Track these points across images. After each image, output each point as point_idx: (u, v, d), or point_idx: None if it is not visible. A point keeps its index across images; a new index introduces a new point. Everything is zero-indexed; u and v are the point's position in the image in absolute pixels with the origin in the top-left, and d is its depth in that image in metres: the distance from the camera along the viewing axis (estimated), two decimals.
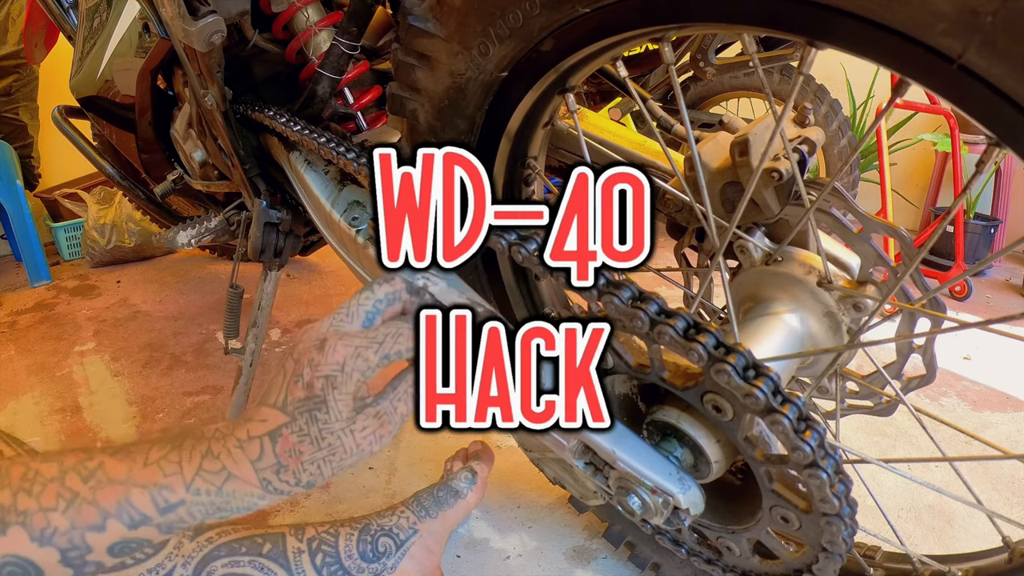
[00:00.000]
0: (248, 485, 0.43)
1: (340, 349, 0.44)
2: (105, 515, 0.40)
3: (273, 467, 0.43)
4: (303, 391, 0.43)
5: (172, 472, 0.42)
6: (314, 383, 0.43)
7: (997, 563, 0.59)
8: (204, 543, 0.66)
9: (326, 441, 0.43)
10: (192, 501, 0.42)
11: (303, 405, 0.43)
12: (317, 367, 0.43)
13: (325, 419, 0.43)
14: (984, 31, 0.31)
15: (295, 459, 0.43)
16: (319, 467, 0.44)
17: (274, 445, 0.43)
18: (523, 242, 0.53)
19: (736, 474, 0.63)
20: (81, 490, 0.40)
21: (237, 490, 0.43)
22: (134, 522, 0.41)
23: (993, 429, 1.18)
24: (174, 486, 0.41)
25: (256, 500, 0.44)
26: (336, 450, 0.43)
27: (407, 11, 0.56)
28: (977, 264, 1.80)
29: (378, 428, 0.44)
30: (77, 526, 0.40)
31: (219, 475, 0.42)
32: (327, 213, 0.78)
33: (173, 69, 1.06)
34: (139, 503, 0.41)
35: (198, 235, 1.20)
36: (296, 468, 0.43)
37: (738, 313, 0.64)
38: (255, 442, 0.43)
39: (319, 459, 0.43)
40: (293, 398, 0.43)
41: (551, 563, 0.89)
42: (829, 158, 2.00)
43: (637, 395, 0.64)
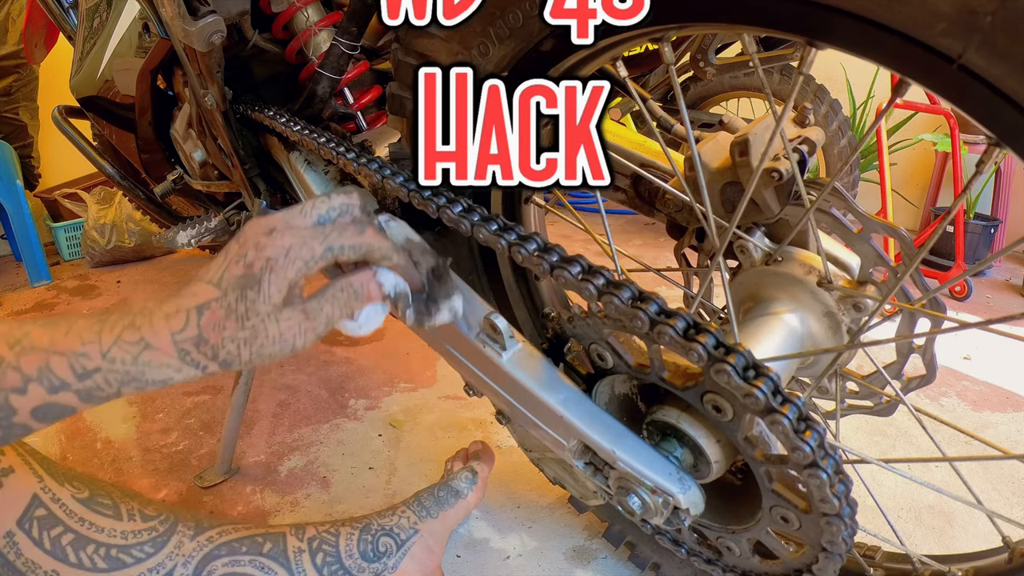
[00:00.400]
0: (165, 356, 0.44)
1: (288, 235, 0.45)
2: (27, 379, 0.42)
3: (194, 339, 0.44)
4: (242, 268, 0.44)
5: (90, 340, 0.43)
6: (255, 262, 0.44)
7: (997, 563, 0.59)
8: (204, 542, 0.66)
9: (250, 322, 0.44)
10: (107, 368, 0.43)
11: (238, 282, 0.44)
12: (261, 248, 0.45)
13: (254, 298, 0.44)
14: (984, 31, 0.31)
15: (217, 333, 0.44)
16: (239, 347, 0.44)
17: (199, 318, 0.44)
18: (523, 242, 0.53)
19: (736, 474, 0.63)
20: (7, 355, 0.42)
21: (153, 360, 0.44)
22: (53, 387, 0.43)
23: (993, 429, 1.18)
24: (91, 353, 0.43)
25: (172, 373, 0.44)
26: (258, 333, 0.44)
27: None
28: (977, 264, 1.80)
29: (303, 322, 0.46)
30: (2, 388, 0.42)
31: (136, 345, 0.43)
32: None
33: (173, 69, 1.06)
34: (57, 369, 0.42)
35: (198, 235, 1.20)
36: (216, 343, 0.44)
37: (738, 313, 0.64)
38: (181, 315, 0.44)
39: (240, 339, 0.44)
40: (230, 275, 0.45)
41: (551, 563, 0.89)
42: (829, 158, 2.00)
43: (637, 395, 0.64)
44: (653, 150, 0.72)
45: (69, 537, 0.59)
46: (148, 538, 0.63)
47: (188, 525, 0.66)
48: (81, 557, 0.59)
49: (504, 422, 0.74)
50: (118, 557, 0.61)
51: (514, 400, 0.60)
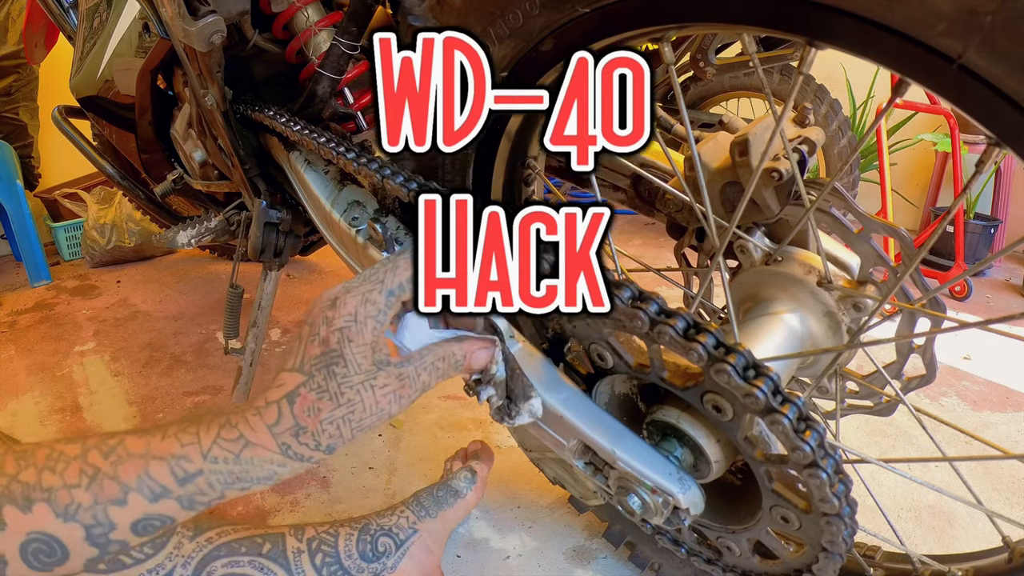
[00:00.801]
0: (266, 451, 0.43)
1: (349, 300, 0.44)
2: (126, 489, 0.40)
3: (292, 430, 0.43)
4: (319, 347, 0.43)
5: (189, 443, 0.42)
6: (329, 338, 0.43)
7: (997, 563, 0.59)
8: (204, 543, 0.66)
9: (345, 396, 0.43)
10: (210, 470, 0.42)
11: (320, 361, 0.43)
12: (331, 322, 0.44)
13: (344, 373, 0.43)
14: (984, 31, 0.31)
15: (314, 419, 0.43)
16: (338, 427, 0.43)
17: (292, 406, 0.43)
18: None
19: (736, 474, 0.63)
20: (103, 466, 0.41)
21: (255, 457, 0.42)
22: (155, 495, 0.41)
23: (993, 429, 1.18)
24: (191, 456, 0.41)
25: (276, 468, 0.43)
26: (356, 406, 0.43)
27: (407, 11, 0.56)
28: (977, 264, 1.80)
29: (399, 388, 0.44)
30: (100, 501, 0.40)
31: (236, 443, 0.42)
32: (327, 213, 0.78)
33: (173, 69, 1.06)
34: (158, 475, 0.41)
35: (198, 235, 1.20)
36: (315, 429, 0.43)
37: (738, 313, 0.64)
38: (272, 407, 0.43)
39: (338, 418, 0.43)
40: (309, 356, 0.43)
41: (551, 563, 0.89)
42: (829, 158, 2.00)
43: (637, 395, 0.64)
44: (653, 150, 0.72)
45: None
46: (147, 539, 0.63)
47: (187, 526, 0.66)
48: None
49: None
50: (117, 558, 0.61)
51: None
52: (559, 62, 0.54)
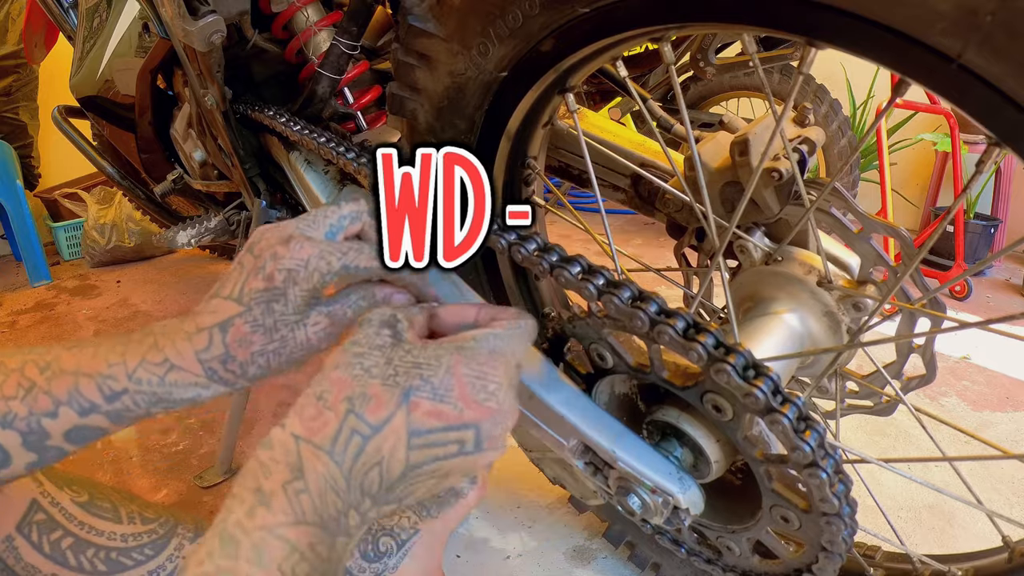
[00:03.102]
0: (191, 375, 0.44)
1: (306, 247, 0.45)
2: (58, 403, 0.43)
3: (220, 357, 0.44)
4: (263, 282, 0.44)
5: (116, 363, 0.43)
6: (275, 275, 0.44)
7: (997, 563, 0.59)
8: None
9: (279, 333, 0.44)
10: (135, 390, 0.43)
11: (261, 296, 0.44)
12: (280, 259, 0.44)
13: (282, 310, 0.44)
14: (983, 30, 0.31)
15: (245, 349, 0.44)
16: (268, 359, 0.44)
17: (224, 335, 0.44)
18: (523, 242, 0.53)
19: (736, 474, 0.63)
20: (38, 380, 0.43)
21: (179, 380, 0.44)
22: (83, 409, 0.43)
23: (993, 429, 1.18)
24: (117, 376, 0.43)
25: (200, 391, 0.44)
26: (287, 342, 0.44)
27: (407, 11, 0.56)
28: (977, 264, 1.80)
29: (329, 327, 0.46)
30: (34, 412, 0.42)
31: (161, 366, 0.43)
32: None
33: (173, 69, 1.06)
34: (86, 391, 0.43)
35: (198, 235, 1.20)
36: (244, 359, 0.44)
37: (738, 313, 0.64)
38: (204, 333, 0.44)
39: (269, 351, 0.44)
40: (250, 288, 0.44)
41: (551, 563, 0.89)
42: (829, 158, 2.00)
43: (637, 395, 0.64)
44: (653, 150, 0.72)
45: (69, 541, 0.59)
46: (148, 540, 0.63)
47: (188, 527, 0.66)
48: (81, 561, 0.59)
49: None
50: (118, 560, 0.61)
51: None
52: (559, 62, 0.54)
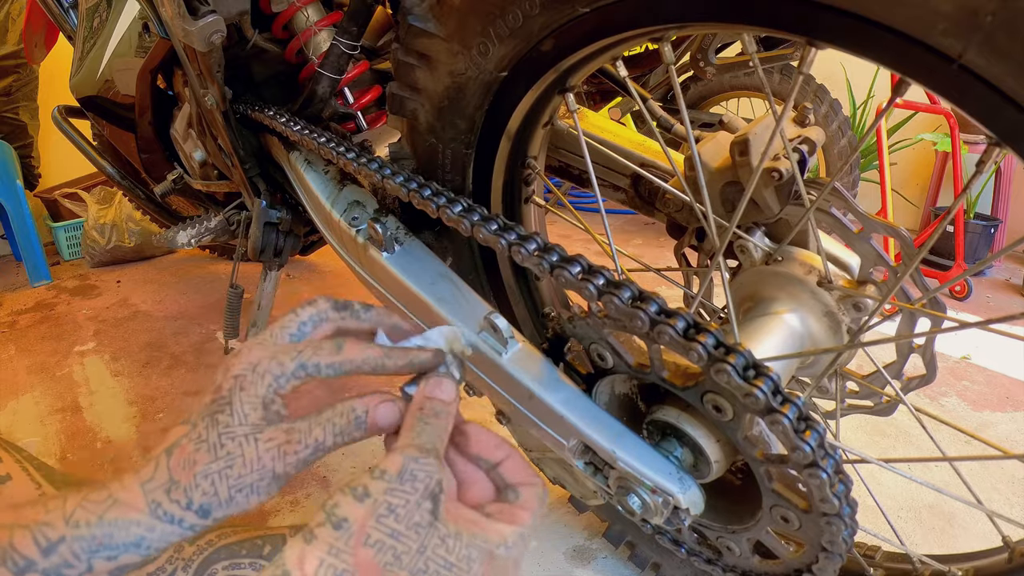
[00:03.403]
0: (134, 511, 0.38)
1: (256, 351, 0.41)
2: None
3: (164, 485, 0.38)
4: (211, 395, 0.40)
5: (55, 508, 0.37)
6: (222, 385, 0.40)
7: (997, 563, 0.59)
8: (204, 546, 0.66)
9: (224, 449, 0.39)
10: (72, 536, 0.37)
11: (207, 409, 0.39)
12: (228, 369, 0.40)
13: (227, 422, 0.39)
14: (984, 31, 0.31)
15: (188, 471, 0.38)
16: (213, 483, 0.39)
17: (168, 458, 0.39)
18: (523, 242, 0.53)
19: (736, 474, 0.63)
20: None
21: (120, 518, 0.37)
22: (19, 568, 0.36)
23: (993, 429, 1.18)
24: (54, 522, 0.37)
25: (143, 532, 0.38)
26: (235, 460, 0.39)
27: (407, 11, 0.56)
28: (977, 264, 1.80)
29: (284, 445, 0.40)
30: None
31: (102, 504, 0.38)
32: (327, 213, 0.78)
33: (173, 69, 1.06)
34: (21, 545, 0.36)
35: (198, 235, 1.20)
36: (188, 483, 0.38)
37: (738, 313, 0.64)
38: (151, 462, 0.39)
39: (214, 472, 0.38)
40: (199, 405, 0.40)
41: (551, 563, 0.89)
42: (829, 158, 2.00)
43: (637, 395, 0.64)
44: (653, 150, 0.72)
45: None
46: None
47: None
48: None
49: (504, 422, 0.74)
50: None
51: (514, 400, 0.60)
52: (559, 62, 0.54)
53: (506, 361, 0.58)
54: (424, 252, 0.68)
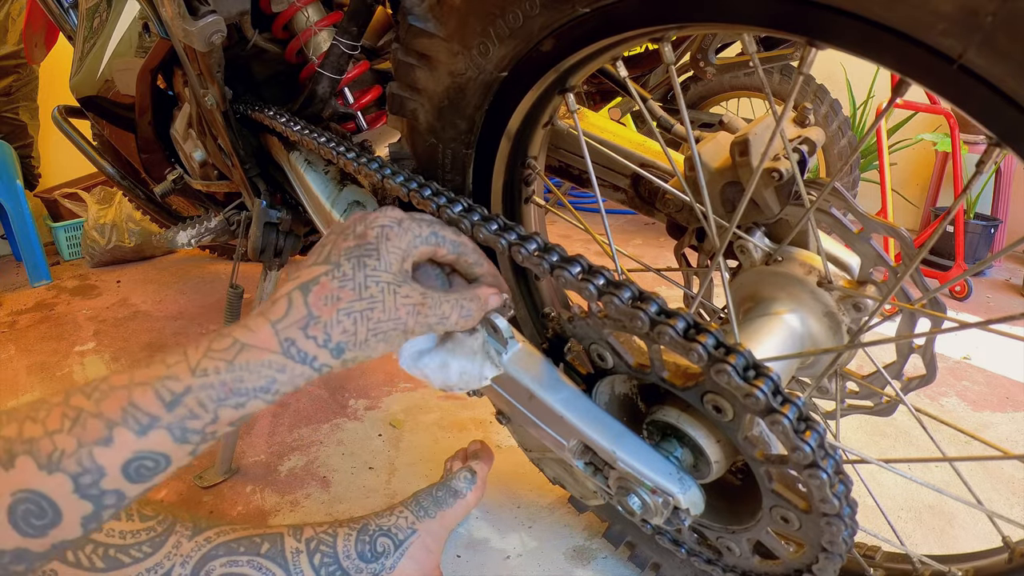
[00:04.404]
0: (265, 352, 0.37)
1: (396, 211, 0.43)
2: (112, 425, 0.35)
3: (302, 321, 0.38)
4: (354, 240, 0.41)
5: (176, 361, 0.37)
6: (368, 232, 0.41)
7: (997, 563, 0.59)
8: (202, 543, 0.66)
9: (369, 291, 0.40)
10: (199, 385, 0.36)
11: (352, 252, 0.40)
12: (371, 221, 0.42)
13: (375, 266, 0.40)
14: (984, 31, 0.31)
15: (331, 307, 0.38)
16: (355, 322, 0.39)
17: (306, 295, 0.39)
18: (523, 242, 0.53)
19: (736, 474, 0.63)
20: (86, 405, 0.36)
21: (251, 361, 0.37)
22: (142, 426, 0.35)
23: (993, 429, 1.18)
24: (179, 374, 0.36)
25: (274, 373, 0.38)
26: (376, 304, 0.39)
27: (407, 11, 0.56)
28: (977, 264, 1.80)
29: (419, 304, 0.42)
30: (84, 443, 0.34)
31: (230, 350, 0.37)
32: (327, 213, 0.78)
33: (173, 69, 1.06)
34: (142, 402, 0.36)
35: (198, 235, 1.20)
36: (329, 319, 0.38)
37: (738, 313, 0.64)
38: (281, 300, 0.39)
39: (356, 311, 0.39)
40: (339, 248, 0.41)
41: (551, 563, 0.89)
42: (829, 158, 2.00)
43: (637, 395, 0.64)
44: (653, 150, 0.72)
45: None
46: (146, 538, 0.63)
47: (186, 525, 0.66)
48: (79, 556, 0.59)
49: (504, 422, 0.74)
50: (116, 557, 0.61)
51: (514, 400, 0.60)
52: (559, 62, 0.54)
53: (506, 361, 0.58)
54: None
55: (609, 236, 0.62)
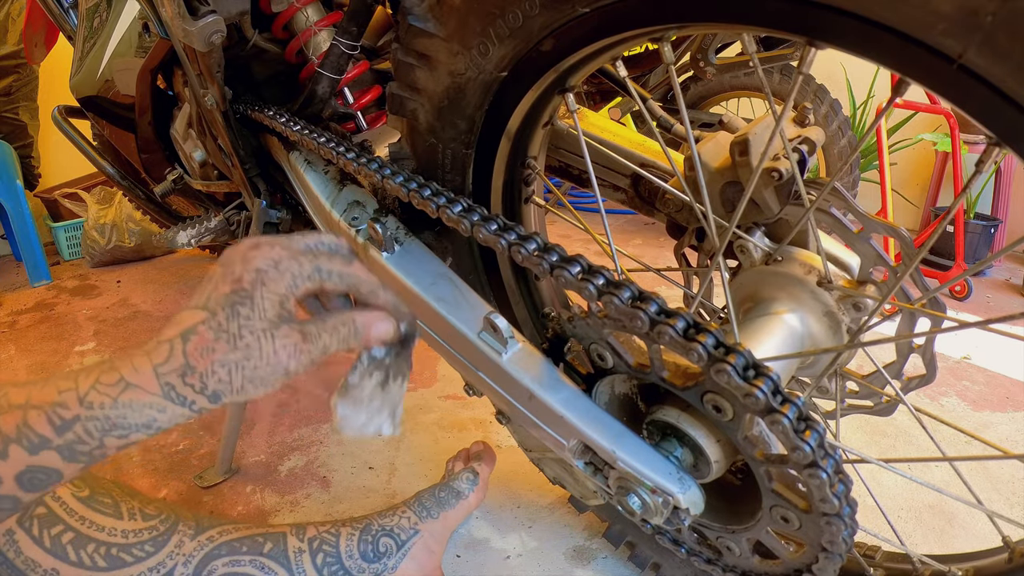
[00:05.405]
0: (146, 393, 0.40)
1: (277, 249, 0.43)
2: (7, 441, 0.39)
3: (179, 369, 0.40)
4: (230, 286, 0.41)
5: (67, 389, 0.40)
6: (243, 277, 0.41)
7: (997, 563, 0.59)
8: (205, 542, 0.66)
9: (244, 341, 0.41)
10: (86, 416, 0.39)
11: (227, 300, 0.41)
12: (249, 261, 0.42)
13: (248, 315, 0.41)
14: (984, 31, 0.31)
15: (206, 358, 0.40)
16: (229, 372, 0.41)
17: (185, 344, 0.40)
18: (523, 242, 0.53)
19: (736, 474, 0.63)
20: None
21: (134, 400, 0.40)
22: (34, 445, 0.39)
23: (993, 429, 1.18)
24: (68, 402, 0.39)
25: (155, 413, 0.40)
26: (252, 353, 0.41)
27: (407, 11, 0.56)
28: (977, 264, 1.80)
29: (300, 343, 0.42)
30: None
31: (116, 386, 0.40)
32: (327, 213, 0.78)
33: (173, 69, 1.06)
34: (35, 424, 0.39)
35: (198, 235, 1.20)
36: (204, 370, 0.40)
37: (738, 313, 0.64)
38: (164, 345, 0.40)
39: (231, 362, 0.41)
40: (218, 294, 0.41)
41: (551, 563, 0.89)
42: (829, 158, 2.00)
43: (637, 395, 0.64)
44: (653, 150, 0.72)
45: (69, 536, 0.59)
46: (148, 537, 0.63)
47: (188, 524, 0.66)
48: (81, 555, 0.59)
49: (504, 422, 0.74)
50: (118, 556, 0.61)
51: (514, 400, 0.60)
52: (559, 62, 0.54)
53: (506, 361, 0.58)
54: (424, 252, 0.68)
55: (609, 236, 0.62)
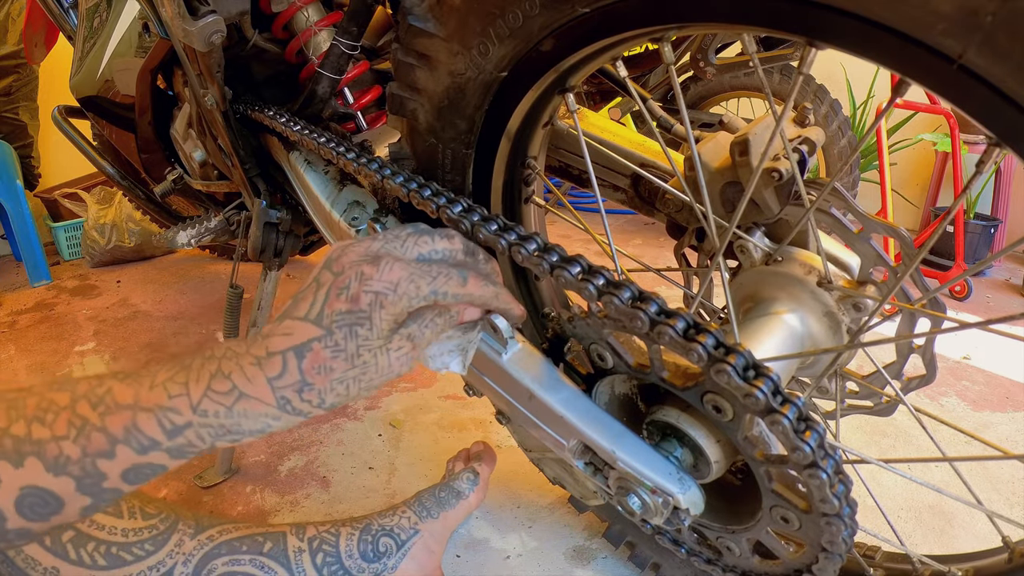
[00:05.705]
0: (262, 405, 0.41)
1: (396, 269, 0.43)
2: (114, 441, 0.39)
3: (296, 385, 0.41)
4: (346, 303, 0.41)
5: (178, 394, 0.40)
6: (360, 297, 0.42)
7: (997, 563, 0.59)
8: (205, 541, 0.66)
9: (361, 359, 0.41)
10: (199, 423, 0.40)
11: (344, 319, 0.41)
12: (367, 280, 0.42)
13: (366, 336, 0.41)
14: (984, 31, 0.31)
15: (324, 376, 0.41)
16: (347, 387, 0.42)
17: (300, 361, 0.41)
18: (523, 242, 0.53)
19: (736, 474, 0.63)
20: (91, 417, 0.39)
21: (249, 410, 0.41)
22: (143, 447, 0.40)
23: (993, 429, 1.18)
24: (180, 408, 0.40)
25: (270, 421, 0.41)
26: (368, 368, 0.42)
27: (407, 11, 0.56)
28: (977, 264, 1.80)
29: (410, 350, 0.44)
30: (88, 453, 0.39)
31: (229, 395, 0.40)
32: (327, 213, 0.78)
33: (173, 69, 1.06)
34: (145, 427, 0.40)
35: (198, 235, 1.20)
36: (323, 387, 0.41)
37: (738, 313, 0.64)
38: (276, 358, 0.41)
39: (349, 378, 0.42)
40: (332, 310, 0.41)
41: (551, 563, 0.89)
42: (829, 158, 2.00)
43: (637, 395, 0.64)
44: (653, 150, 0.72)
45: (69, 534, 0.59)
46: (148, 536, 0.63)
47: (188, 524, 0.66)
48: (81, 554, 0.59)
49: (504, 422, 0.74)
50: (118, 555, 0.61)
51: (514, 400, 0.60)
52: (559, 62, 0.54)
53: (506, 361, 0.58)
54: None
55: (609, 236, 0.62)
